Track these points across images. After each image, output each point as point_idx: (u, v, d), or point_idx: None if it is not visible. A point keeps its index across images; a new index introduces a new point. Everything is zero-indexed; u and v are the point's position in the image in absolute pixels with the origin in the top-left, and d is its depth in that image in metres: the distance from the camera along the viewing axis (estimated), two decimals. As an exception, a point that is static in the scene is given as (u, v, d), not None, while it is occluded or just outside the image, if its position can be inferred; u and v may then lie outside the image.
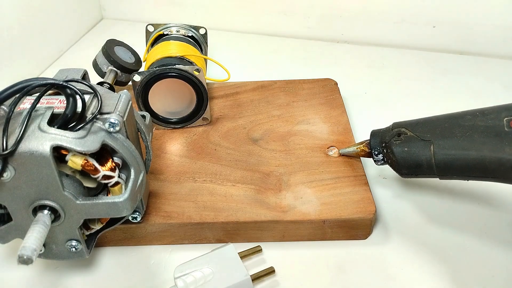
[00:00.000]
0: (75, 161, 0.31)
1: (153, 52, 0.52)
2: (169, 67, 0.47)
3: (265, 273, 0.37)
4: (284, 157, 0.46)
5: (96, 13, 0.80)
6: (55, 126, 0.31)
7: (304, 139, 0.49)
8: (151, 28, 0.56)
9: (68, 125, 0.32)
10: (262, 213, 0.40)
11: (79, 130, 0.31)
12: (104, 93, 0.35)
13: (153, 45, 0.55)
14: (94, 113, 0.33)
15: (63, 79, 0.33)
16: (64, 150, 0.31)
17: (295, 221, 0.40)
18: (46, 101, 0.33)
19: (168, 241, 0.41)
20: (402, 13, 0.69)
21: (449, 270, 0.39)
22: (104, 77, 0.50)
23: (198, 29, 0.57)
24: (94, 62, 0.51)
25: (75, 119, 0.32)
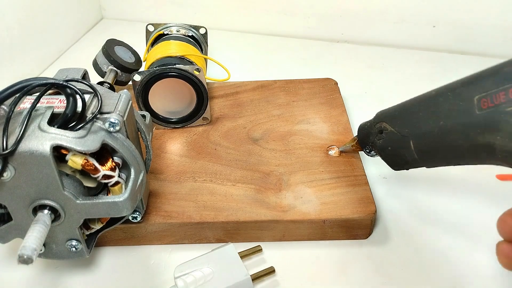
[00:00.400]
0: (75, 161, 0.31)
1: (153, 52, 0.52)
2: (169, 66, 0.47)
3: (265, 273, 0.37)
4: (284, 156, 0.46)
5: (96, 13, 0.80)
6: (55, 126, 0.31)
7: (304, 138, 0.49)
8: (151, 28, 0.56)
9: (68, 124, 0.32)
10: (262, 212, 0.40)
11: (79, 129, 0.31)
12: (104, 92, 0.35)
13: (153, 44, 0.55)
14: (94, 112, 0.33)
15: (63, 79, 0.33)
16: (64, 149, 0.31)
17: (295, 220, 0.40)
18: (46, 100, 0.33)
19: (168, 241, 0.41)
20: (402, 13, 0.69)
21: (449, 270, 0.39)
22: (104, 76, 0.50)
23: (198, 28, 0.57)
24: (94, 62, 0.51)
25: (75, 118, 0.32)
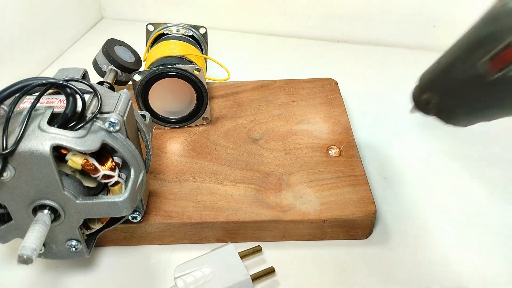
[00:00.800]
0: (75, 161, 0.31)
1: (153, 52, 0.52)
2: (169, 66, 0.47)
3: (265, 273, 0.37)
4: (284, 156, 0.46)
5: (96, 13, 0.80)
6: (55, 126, 0.31)
7: (304, 138, 0.49)
8: (151, 28, 0.56)
9: (68, 124, 0.32)
10: (262, 212, 0.40)
11: (79, 129, 0.31)
12: (104, 92, 0.35)
13: (153, 44, 0.55)
14: (94, 112, 0.32)
15: (63, 79, 0.33)
16: (64, 149, 0.31)
17: (295, 220, 0.40)
18: (46, 100, 0.33)
19: (168, 241, 0.41)
20: (402, 13, 0.69)
21: (449, 270, 0.39)
22: (104, 76, 0.50)
23: (198, 28, 0.57)
24: (94, 62, 0.51)
25: (75, 118, 0.32)
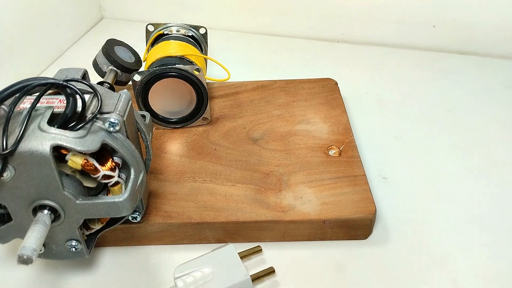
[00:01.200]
0: (75, 161, 0.31)
1: (153, 52, 0.52)
2: (169, 66, 0.47)
3: (265, 273, 0.37)
4: (284, 157, 0.46)
5: (96, 13, 0.80)
6: (55, 126, 0.31)
7: (304, 139, 0.49)
8: (151, 28, 0.56)
9: (68, 124, 0.32)
10: (262, 213, 0.40)
11: (79, 129, 0.31)
12: (104, 92, 0.35)
13: (153, 44, 0.55)
14: (94, 112, 0.33)
15: (63, 79, 0.33)
16: (64, 149, 0.31)
17: (295, 221, 0.40)
18: (46, 100, 0.33)
19: (168, 241, 0.41)
20: (402, 13, 0.69)
21: (449, 270, 0.39)
22: (104, 76, 0.50)
23: (198, 28, 0.57)
24: (94, 62, 0.51)
25: (75, 118, 0.32)
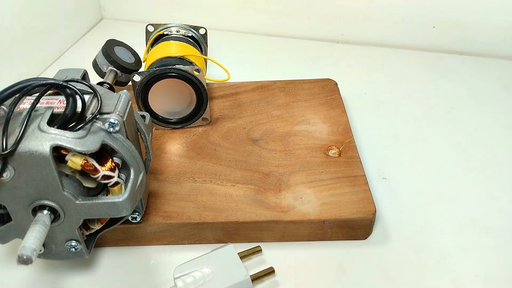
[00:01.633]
0: (74, 161, 0.31)
1: (153, 52, 0.52)
2: (169, 67, 0.47)
3: (265, 273, 0.37)
4: (284, 157, 0.46)
5: (96, 13, 0.80)
6: (55, 126, 0.31)
7: (304, 139, 0.49)
8: (151, 28, 0.56)
9: (68, 125, 0.32)
10: (262, 213, 0.40)
11: (79, 130, 0.31)
12: (104, 93, 0.35)
13: (153, 45, 0.55)
14: (94, 113, 0.33)
15: (63, 79, 0.33)
16: (64, 150, 0.31)
17: (295, 221, 0.40)
18: (46, 101, 0.33)
19: (168, 241, 0.41)
20: (402, 13, 0.69)
21: (449, 270, 0.39)
22: (104, 77, 0.50)
23: (198, 29, 0.57)
24: (94, 62, 0.51)
25: (75, 119, 0.32)
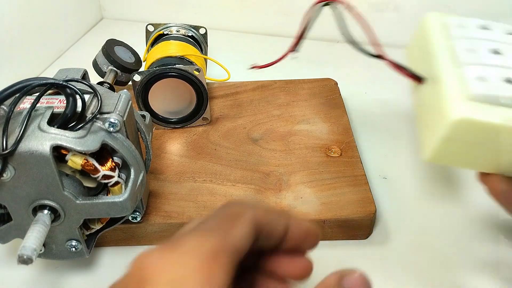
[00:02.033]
0: (75, 161, 0.31)
1: (153, 52, 0.52)
2: (169, 67, 0.47)
3: (265, 273, 0.37)
4: (284, 157, 0.46)
5: (96, 13, 0.80)
6: (55, 126, 0.31)
7: (304, 139, 0.49)
8: (151, 28, 0.56)
9: (68, 124, 0.32)
10: (262, 213, 0.40)
11: (79, 129, 0.31)
12: (104, 92, 0.35)
13: (153, 45, 0.55)
14: (94, 112, 0.33)
15: (63, 79, 0.33)
16: (64, 149, 0.31)
17: (295, 221, 0.40)
18: (46, 100, 0.33)
19: (168, 241, 0.41)
20: (402, 13, 0.69)
21: (449, 270, 0.39)
22: (104, 77, 0.50)
23: (198, 29, 0.57)
24: (94, 62, 0.51)
25: (75, 118, 0.32)
